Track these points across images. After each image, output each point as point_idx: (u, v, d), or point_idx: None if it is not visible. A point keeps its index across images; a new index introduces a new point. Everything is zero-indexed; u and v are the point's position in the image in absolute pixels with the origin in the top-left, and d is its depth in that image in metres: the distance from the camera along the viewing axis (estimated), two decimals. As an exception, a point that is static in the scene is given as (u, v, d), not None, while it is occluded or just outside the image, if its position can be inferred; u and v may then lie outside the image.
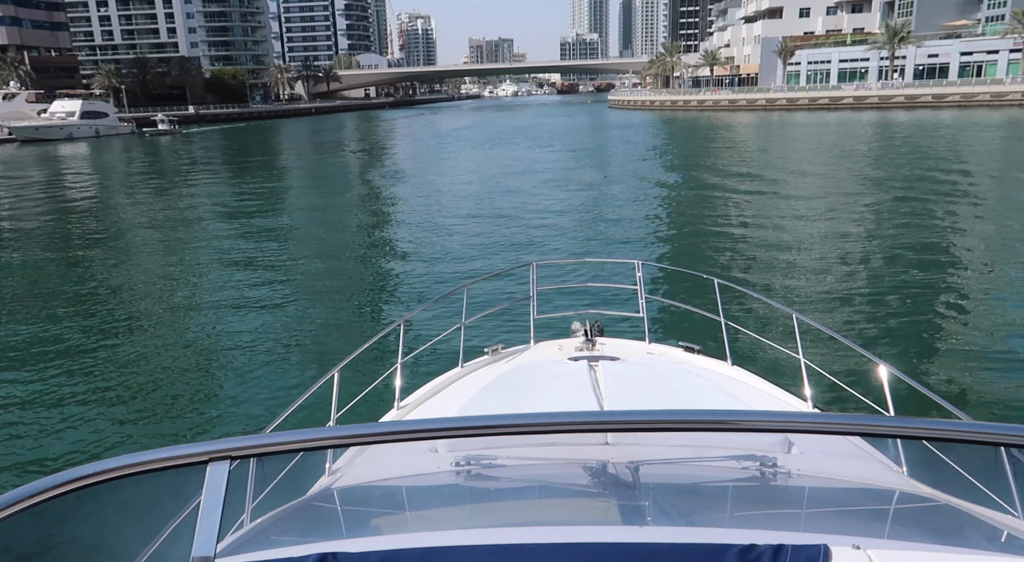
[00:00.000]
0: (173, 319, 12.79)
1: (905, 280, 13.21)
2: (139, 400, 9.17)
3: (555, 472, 2.36)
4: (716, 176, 29.47)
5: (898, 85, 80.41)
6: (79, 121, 77.30)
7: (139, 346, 11.31)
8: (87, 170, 46.93)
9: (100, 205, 29.69)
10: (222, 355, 10.82)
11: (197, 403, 9.05)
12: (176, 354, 10.91)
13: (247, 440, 1.33)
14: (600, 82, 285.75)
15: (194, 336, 11.85)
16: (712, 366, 4.57)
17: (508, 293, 12.42)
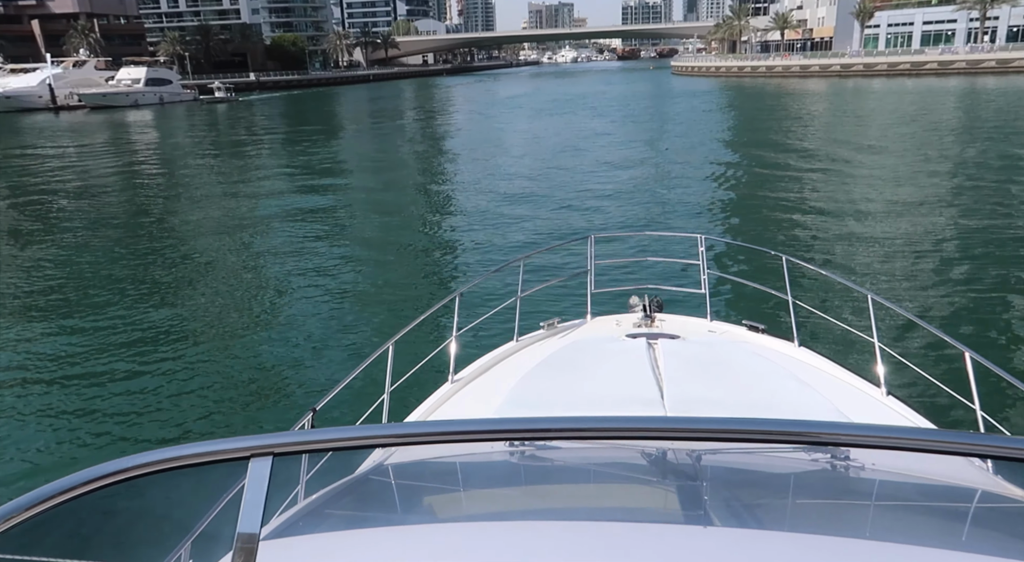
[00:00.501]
0: (230, 289, 12.89)
1: (992, 264, 12.23)
2: (204, 366, 9.39)
3: (612, 455, 2.25)
4: (785, 148, 28.03)
5: (988, 49, 74.61)
6: (144, 88, 78.92)
7: (199, 314, 11.52)
8: (148, 138, 47.67)
9: (158, 174, 29.84)
10: (279, 325, 10.95)
11: (255, 373, 9.18)
12: (233, 324, 11.09)
13: (290, 436, 1.33)
14: (663, 47, 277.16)
15: (251, 307, 11.94)
16: (777, 346, 4.34)
17: (565, 266, 12.13)
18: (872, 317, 3.95)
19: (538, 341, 4.69)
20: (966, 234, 14.30)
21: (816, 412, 3.03)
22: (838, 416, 3.00)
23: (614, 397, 3.17)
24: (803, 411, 3.03)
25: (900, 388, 4.07)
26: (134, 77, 79.79)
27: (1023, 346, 9.02)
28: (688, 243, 12.03)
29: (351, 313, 11.37)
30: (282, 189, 23.96)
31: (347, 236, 16.74)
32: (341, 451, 1.33)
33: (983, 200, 17.25)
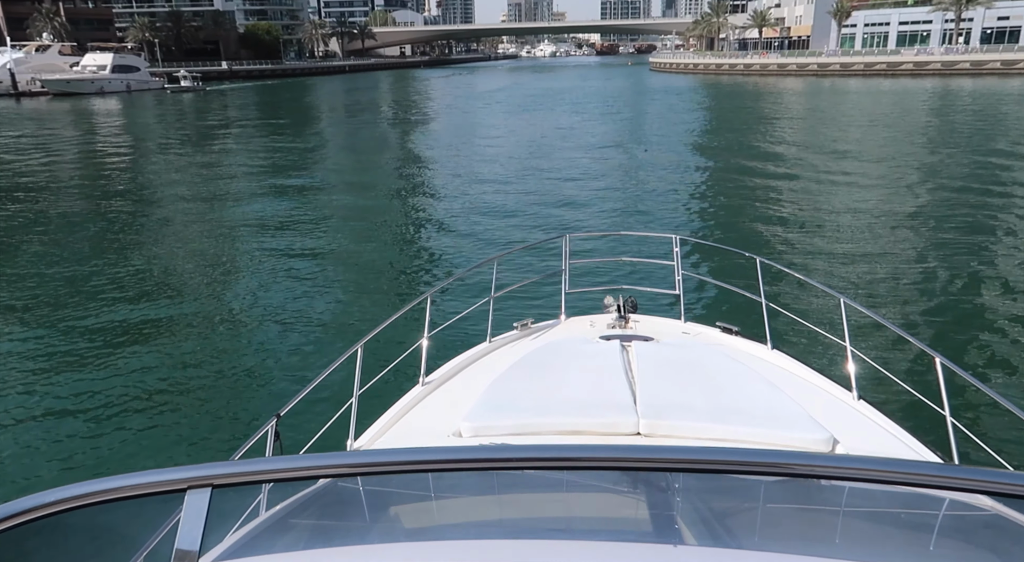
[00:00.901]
0: (189, 290, 12.29)
1: (963, 269, 12.23)
2: (161, 370, 8.95)
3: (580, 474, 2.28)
4: (761, 150, 27.78)
5: (962, 50, 75.30)
6: (110, 75, 76.55)
7: (156, 316, 10.94)
8: (109, 128, 45.90)
9: (117, 168, 28.48)
10: (241, 328, 10.42)
11: (215, 378, 8.74)
12: (193, 324, 10.58)
13: (230, 467, 1.28)
14: (641, 43, 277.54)
15: (212, 308, 11.37)
16: (751, 349, 4.34)
17: (540, 266, 11.97)
18: (844, 321, 3.94)
19: (511, 342, 4.62)
20: (938, 239, 14.27)
21: (787, 417, 3.03)
22: (809, 421, 3.01)
23: (587, 401, 3.14)
24: (775, 416, 3.03)
25: (871, 392, 4.05)
26: (100, 63, 77.32)
27: (992, 352, 9.06)
28: (663, 244, 11.89)
29: (318, 314, 10.92)
30: (247, 185, 23.20)
31: (313, 235, 16.15)
32: (284, 481, 1.29)
33: (956, 205, 17.22)
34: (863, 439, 3.06)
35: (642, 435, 2.88)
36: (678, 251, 5.29)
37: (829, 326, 5.54)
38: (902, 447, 3.06)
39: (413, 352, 4.25)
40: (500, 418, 3.06)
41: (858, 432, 3.21)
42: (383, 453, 1.43)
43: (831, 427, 3.03)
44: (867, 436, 3.11)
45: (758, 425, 2.95)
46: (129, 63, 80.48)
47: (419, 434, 3.18)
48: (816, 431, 2.93)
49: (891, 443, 3.10)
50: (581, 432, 2.92)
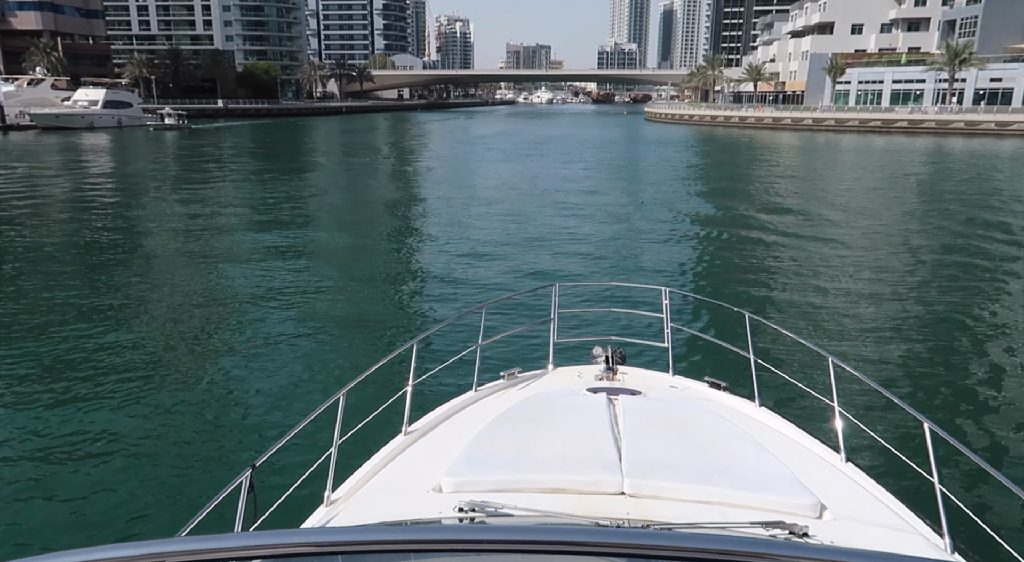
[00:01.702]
0: (165, 334, 11.90)
1: (954, 333, 12.04)
2: (127, 416, 8.64)
3: (567, 525, 2.33)
4: (754, 204, 27.62)
5: (956, 110, 75.61)
6: (101, 110, 75.82)
7: (130, 358, 10.57)
8: (89, 164, 44.65)
9: (82, 206, 27.01)
10: (219, 374, 10.11)
11: (187, 426, 8.43)
12: (168, 367, 10.29)
13: (185, 543, 1.24)
14: (637, 93, 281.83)
15: (188, 350, 11.07)
16: (738, 406, 4.30)
17: (528, 315, 11.91)
18: (832, 380, 3.93)
19: (498, 391, 4.55)
20: (929, 302, 14.03)
21: (775, 479, 3.02)
22: (796, 484, 2.99)
23: (572, 457, 3.11)
24: (762, 478, 3.01)
25: (859, 455, 4.01)
26: (92, 98, 76.66)
27: (982, 420, 8.84)
28: (652, 295, 11.83)
29: (301, 360, 10.60)
30: (226, 223, 22.39)
31: (297, 278, 15.69)
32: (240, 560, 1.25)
33: (948, 267, 16.96)
34: (850, 504, 3.02)
35: (626, 495, 2.89)
36: (667, 303, 5.25)
37: (817, 385, 5.47)
38: (890, 514, 3.02)
39: (397, 400, 4.17)
40: (482, 473, 3.01)
41: (845, 497, 3.15)
42: (348, 531, 1.42)
43: (818, 491, 3.01)
44: (854, 501, 3.07)
45: (745, 487, 2.91)
46: (122, 99, 79.92)
47: (398, 488, 3.15)
48: (803, 495, 2.91)
49: (878, 510, 3.05)
50: (564, 490, 2.91)
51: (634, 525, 2.32)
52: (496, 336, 5.63)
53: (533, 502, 2.58)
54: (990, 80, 78.28)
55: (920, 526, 2.94)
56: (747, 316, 4.94)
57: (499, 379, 4.72)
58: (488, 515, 2.41)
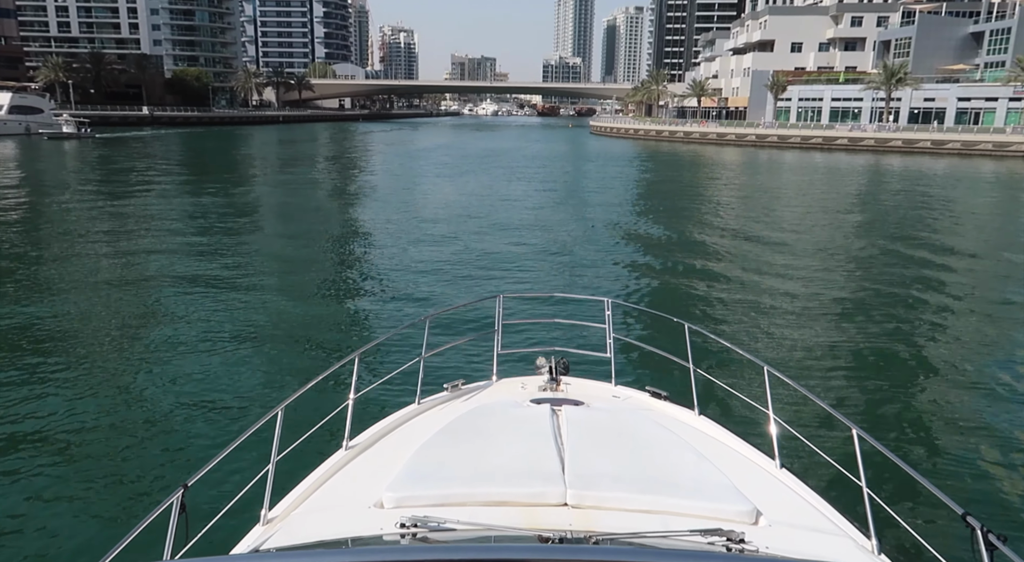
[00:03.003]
0: (90, 345, 11.51)
1: (883, 343, 12.52)
2: (47, 432, 8.26)
3: (510, 537, 2.42)
4: (696, 219, 28.03)
5: (893, 128, 76.78)
6: (6, 116, 69.85)
7: (50, 372, 10.24)
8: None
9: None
10: (147, 389, 9.84)
11: (114, 444, 8.00)
12: (91, 382, 9.92)
13: None
14: (581, 106, 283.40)
15: (114, 365, 10.71)
16: (679, 415, 4.40)
17: (472, 326, 11.92)
18: (768, 389, 4.06)
19: (441, 404, 4.52)
20: (861, 311, 14.50)
21: (713, 487, 3.10)
22: (733, 492, 3.08)
23: (515, 469, 3.11)
24: (700, 486, 3.09)
25: (793, 461, 4.05)
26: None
27: (908, 426, 9.21)
28: (595, 306, 11.82)
29: (237, 375, 10.33)
30: (142, 243, 21.08)
31: (232, 291, 15.11)
32: None
33: (880, 281, 17.34)
34: (784, 510, 3.12)
35: (569, 506, 2.92)
36: (609, 314, 5.26)
37: (754, 393, 5.43)
38: (820, 518, 3.12)
39: (338, 415, 4.11)
40: (424, 488, 3.01)
41: (780, 502, 3.24)
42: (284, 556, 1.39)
43: (754, 497, 3.11)
44: (788, 506, 3.17)
45: (684, 496, 3.02)
46: (30, 104, 73.92)
47: (338, 505, 3.11)
48: (740, 502, 3.00)
49: (810, 514, 3.14)
50: (508, 503, 2.92)
51: (576, 536, 2.38)
52: (440, 348, 5.70)
53: (476, 516, 2.61)
54: (924, 100, 79.98)
55: (849, 529, 3.05)
56: (687, 327, 4.98)
57: (442, 391, 4.63)
58: (431, 530, 2.42)
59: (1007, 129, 70.01)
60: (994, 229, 27.37)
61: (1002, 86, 74.39)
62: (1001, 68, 78.91)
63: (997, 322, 14.11)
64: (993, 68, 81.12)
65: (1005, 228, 27.84)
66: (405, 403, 4.45)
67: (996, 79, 76.71)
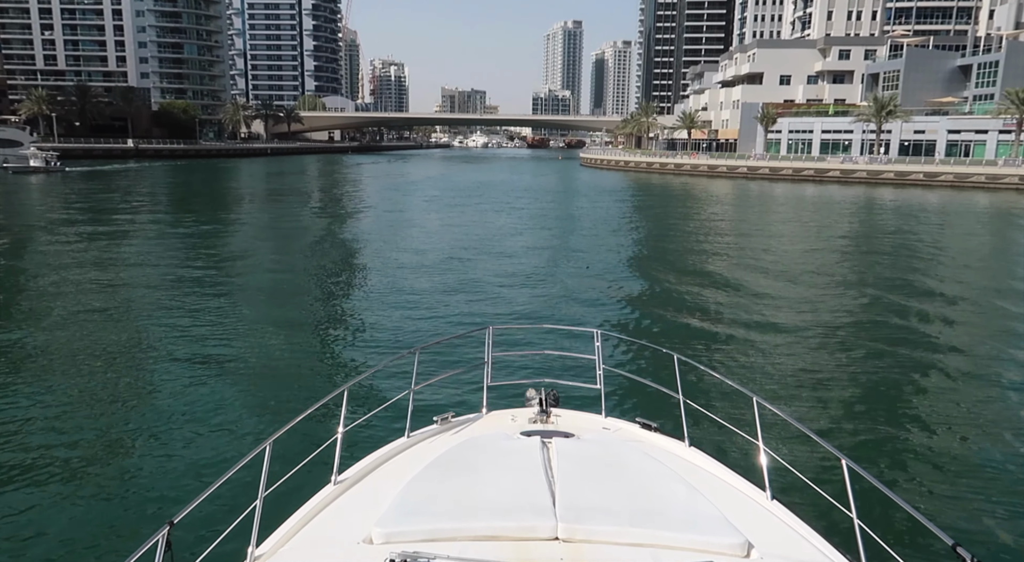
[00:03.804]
0: (77, 379, 11.51)
1: (873, 374, 12.60)
2: (32, 468, 8.26)
3: None
4: (687, 252, 28.24)
5: (885, 160, 76.44)
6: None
7: (36, 407, 10.09)
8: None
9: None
10: (134, 423, 9.70)
11: (102, 478, 8.06)
12: (78, 416, 9.82)
13: None
14: (571, 139, 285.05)
15: (100, 398, 10.57)
16: (669, 446, 4.39)
17: (462, 358, 11.80)
18: (757, 420, 4.04)
19: (431, 437, 4.48)
20: (850, 343, 14.59)
21: (704, 520, 3.10)
22: (724, 524, 3.09)
23: (506, 503, 3.11)
24: (691, 519, 3.10)
25: (784, 492, 4.06)
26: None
27: (897, 456, 9.24)
28: (585, 338, 11.87)
29: (224, 409, 10.30)
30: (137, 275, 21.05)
31: (218, 329, 14.84)
32: None
33: (868, 313, 17.34)
34: (776, 542, 3.11)
35: (560, 540, 2.91)
36: (599, 346, 5.26)
37: (744, 424, 5.22)
38: (812, 550, 3.12)
39: (326, 449, 4.06)
40: (414, 523, 3.00)
41: (771, 535, 3.23)
42: None
43: (745, 530, 3.11)
44: (780, 539, 3.15)
45: (675, 529, 3.02)
46: (9, 137, 72.52)
47: (327, 540, 3.09)
48: (731, 535, 3.00)
49: (803, 547, 3.14)
50: (499, 537, 2.91)
51: None
52: (429, 380, 5.67)
53: (467, 551, 2.61)
54: (914, 132, 79.84)
55: (841, 561, 3.05)
56: (676, 358, 5.03)
57: (432, 424, 4.61)
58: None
59: (999, 161, 69.68)
60: (987, 264, 27.11)
61: (992, 118, 74.36)
62: (990, 101, 79.06)
63: (987, 354, 14.10)
64: (982, 101, 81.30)
65: (998, 263, 27.56)
66: (394, 436, 4.41)
67: (985, 112, 76.75)
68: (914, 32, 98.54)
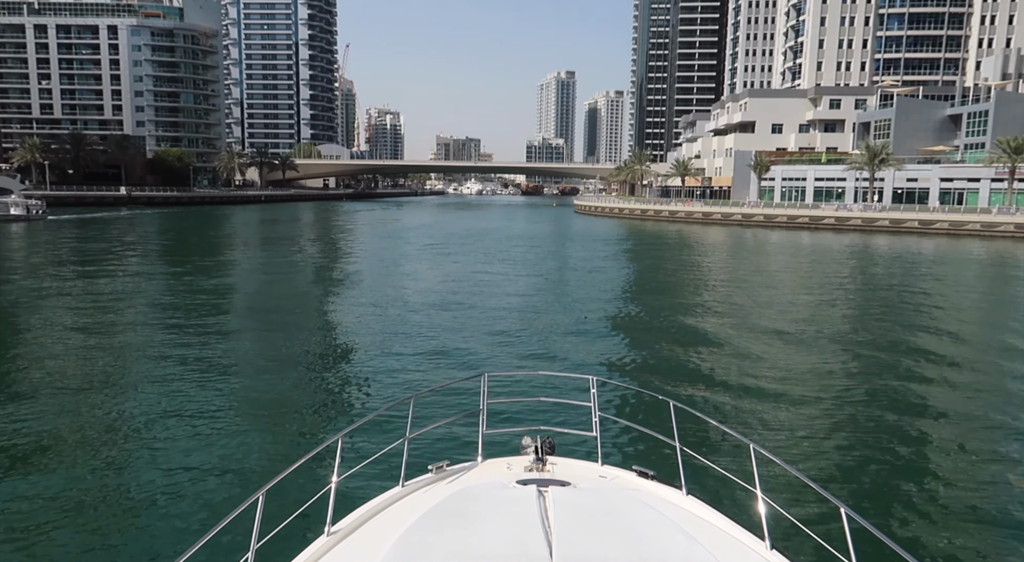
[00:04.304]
0: (70, 433, 11.21)
1: (871, 422, 12.43)
2: (32, 517, 8.30)
3: None
4: (682, 298, 28.32)
5: (879, 208, 76.40)
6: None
7: (26, 474, 9.81)
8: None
9: None
10: (125, 473, 9.70)
11: (95, 536, 8.03)
12: (71, 477, 9.59)
13: None
14: (565, 186, 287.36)
15: (93, 455, 10.36)
16: (666, 495, 4.38)
17: (457, 405, 11.85)
18: (755, 467, 4.04)
19: (426, 486, 4.46)
20: (848, 390, 14.48)
21: None
22: None
23: (502, 555, 3.11)
24: None
25: (783, 541, 4.02)
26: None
27: (896, 504, 9.13)
28: (580, 384, 11.75)
29: (215, 460, 10.13)
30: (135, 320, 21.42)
31: (212, 377, 14.81)
32: None
33: (864, 361, 17.36)
34: None
35: None
36: (595, 392, 5.24)
37: (741, 472, 5.37)
38: None
39: (320, 499, 4.04)
40: None
41: None
42: None
43: None
44: None
45: None
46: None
47: None
48: None
49: None
50: None
51: None
52: (424, 428, 5.58)
53: None
54: (907, 179, 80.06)
55: None
56: (672, 404, 5.02)
57: (427, 473, 4.56)
58: None
59: (993, 210, 69.62)
60: (985, 312, 26.96)
61: (984, 167, 74.65)
62: (981, 149, 79.56)
63: (985, 405, 14.01)
64: (973, 149, 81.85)
65: (996, 311, 27.33)
66: (389, 486, 4.35)
67: (977, 160, 77.12)
68: (903, 82, 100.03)
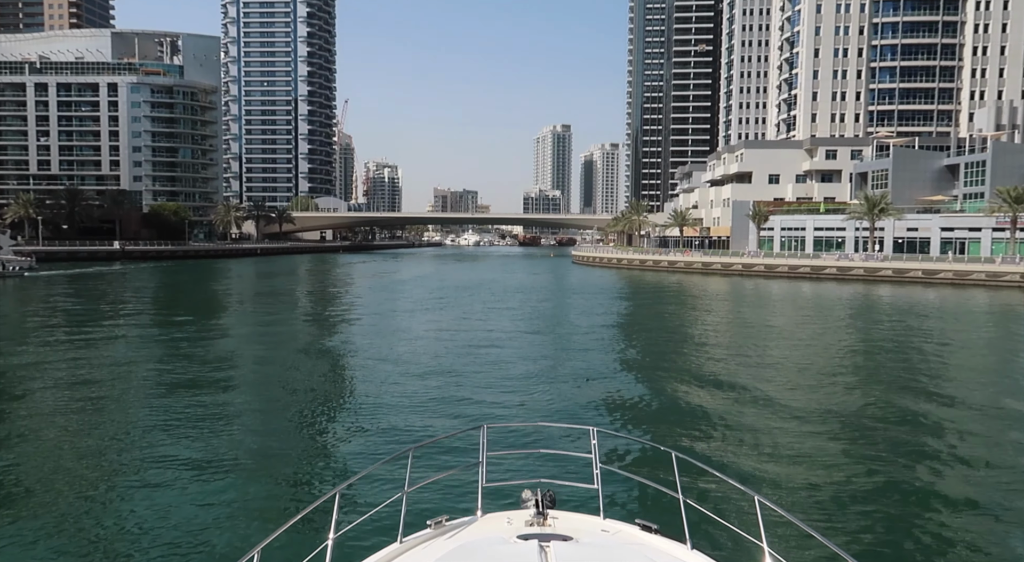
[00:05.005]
0: (71, 489, 11.20)
1: (877, 473, 12.35)
2: None
3: None
4: (684, 350, 28.06)
5: (880, 257, 75.56)
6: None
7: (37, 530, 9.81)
8: None
9: None
10: (116, 536, 9.55)
11: None
12: (60, 536, 9.58)
13: None
14: (562, 236, 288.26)
15: (81, 512, 10.39)
16: (671, 550, 4.29)
17: (456, 458, 11.72)
18: (760, 519, 3.95)
19: (424, 542, 4.39)
20: (852, 445, 14.22)
21: None
22: None
23: None
24: None
25: None
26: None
27: (905, 557, 8.98)
28: (580, 435, 11.70)
29: (208, 516, 10.09)
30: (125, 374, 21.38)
31: (207, 433, 14.60)
32: None
33: (868, 411, 17.22)
34: None
35: None
36: (595, 444, 5.15)
37: (746, 524, 5.14)
38: None
39: (316, 556, 4.03)
40: None
41: None
42: None
43: None
44: None
45: None
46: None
47: None
48: None
49: None
50: None
51: None
52: (423, 482, 5.52)
53: None
54: (907, 229, 79.52)
55: None
56: (674, 455, 4.96)
57: (426, 528, 4.50)
58: None
59: (997, 259, 68.72)
60: (990, 364, 26.55)
61: (985, 216, 74.14)
62: (980, 199, 79.23)
63: (991, 455, 13.95)
64: (972, 199, 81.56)
65: (1002, 365, 26.75)
66: (387, 542, 4.30)
67: (977, 210, 76.71)
68: (897, 133, 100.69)
